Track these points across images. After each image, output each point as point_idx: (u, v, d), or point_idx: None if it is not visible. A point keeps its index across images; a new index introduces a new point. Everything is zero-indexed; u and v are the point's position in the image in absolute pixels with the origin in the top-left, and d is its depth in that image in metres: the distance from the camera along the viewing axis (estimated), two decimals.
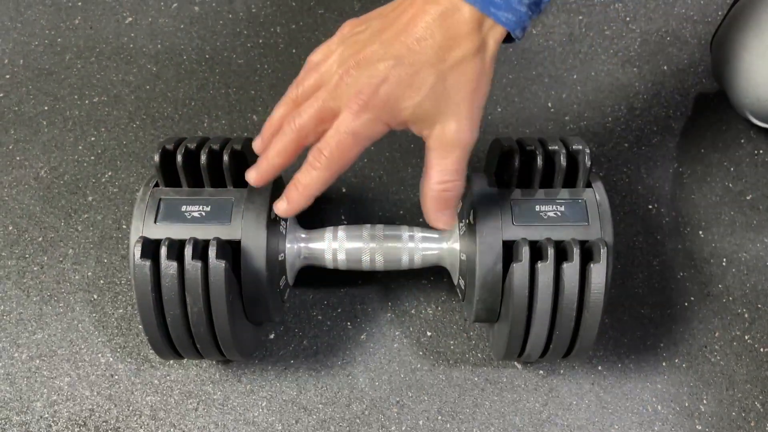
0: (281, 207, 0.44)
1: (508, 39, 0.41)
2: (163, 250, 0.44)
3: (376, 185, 0.66)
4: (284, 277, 0.53)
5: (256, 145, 0.46)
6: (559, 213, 0.47)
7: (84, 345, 0.58)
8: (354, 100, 0.39)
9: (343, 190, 0.66)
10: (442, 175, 0.41)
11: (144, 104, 0.71)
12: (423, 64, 0.39)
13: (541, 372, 0.56)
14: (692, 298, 0.60)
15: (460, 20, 0.38)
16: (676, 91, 0.72)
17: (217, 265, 0.44)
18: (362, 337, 0.58)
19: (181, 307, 0.45)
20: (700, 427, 0.54)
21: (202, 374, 0.56)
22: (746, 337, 0.58)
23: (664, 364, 0.57)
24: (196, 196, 0.49)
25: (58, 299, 0.60)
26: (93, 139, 0.69)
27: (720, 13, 0.77)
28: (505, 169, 0.50)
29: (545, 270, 0.44)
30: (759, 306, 0.60)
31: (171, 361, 0.57)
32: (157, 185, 0.50)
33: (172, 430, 0.54)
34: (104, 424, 0.54)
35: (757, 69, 0.60)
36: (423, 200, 0.43)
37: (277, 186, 0.51)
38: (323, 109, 0.41)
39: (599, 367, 0.57)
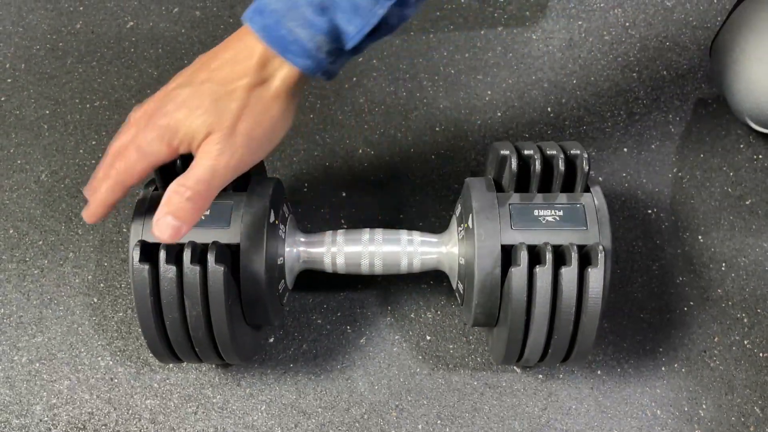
0: (84, 214, 0.45)
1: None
2: (162, 254, 0.44)
3: (375, 189, 0.66)
4: (283, 280, 0.53)
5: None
6: (557, 217, 0.47)
7: (84, 348, 0.58)
8: (142, 117, 0.43)
9: (343, 194, 0.66)
10: (184, 178, 0.41)
11: None
12: (206, 89, 0.42)
13: (540, 376, 0.56)
14: (691, 303, 0.60)
15: (248, 56, 0.42)
16: (676, 97, 0.73)
17: (216, 269, 0.44)
18: (361, 341, 0.58)
19: (180, 311, 0.45)
20: None
21: (202, 378, 0.56)
22: (745, 342, 0.58)
23: (663, 368, 0.57)
24: None
25: (58, 302, 0.60)
26: (94, 143, 0.70)
27: (719, 18, 0.78)
28: (504, 174, 0.50)
29: (544, 274, 0.44)
30: (758, 311, 0.60)
31: (170, 365, 0.57)
32: (156, 189, 0.50)
33: None
34: (104, 427, 0.54)
35: (756, 74, 0.60)
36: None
37: (277, 189, 0.51)
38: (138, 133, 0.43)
39: (598, 372, 0.57)
